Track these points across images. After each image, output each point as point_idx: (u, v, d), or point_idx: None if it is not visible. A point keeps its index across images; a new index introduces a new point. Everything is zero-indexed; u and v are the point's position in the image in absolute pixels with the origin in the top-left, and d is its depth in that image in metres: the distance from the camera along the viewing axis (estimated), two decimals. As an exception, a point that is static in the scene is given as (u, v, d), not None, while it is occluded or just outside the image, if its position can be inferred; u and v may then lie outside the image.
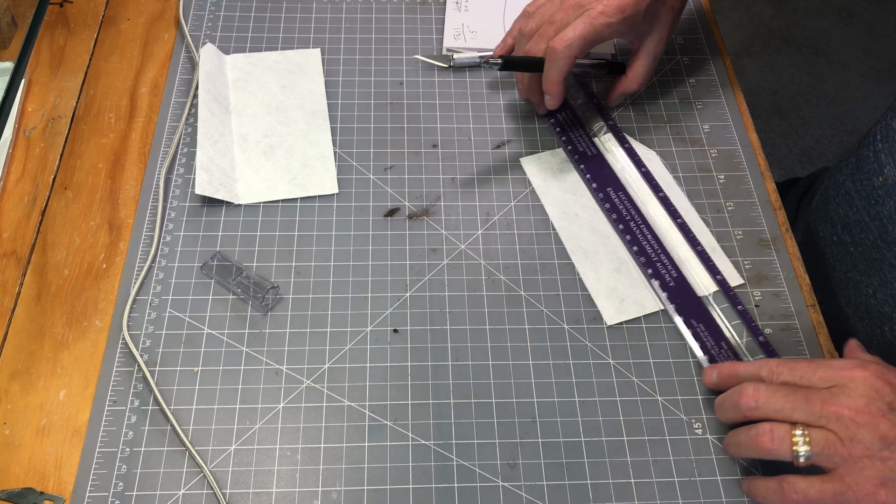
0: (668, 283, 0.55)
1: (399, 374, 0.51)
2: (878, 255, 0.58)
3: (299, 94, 0.64)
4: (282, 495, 0.46)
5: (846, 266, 0.62)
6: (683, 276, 0.55)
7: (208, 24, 0.68)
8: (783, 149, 1.67)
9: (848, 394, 0.41)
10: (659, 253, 0.56)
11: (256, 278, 0.54)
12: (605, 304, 0.54)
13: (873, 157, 0.59)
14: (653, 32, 0.60)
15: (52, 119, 0.62)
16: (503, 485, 0.47)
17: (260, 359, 0.51)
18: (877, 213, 0.58)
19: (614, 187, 0.59)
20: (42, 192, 0.58)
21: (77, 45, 0.66)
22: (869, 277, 0.59)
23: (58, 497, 0.46)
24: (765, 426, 0.43)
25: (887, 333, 0.58)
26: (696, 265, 0.56)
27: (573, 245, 0.57)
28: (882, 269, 0.58)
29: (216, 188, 0.57)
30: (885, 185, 0.57)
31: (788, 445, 0.41)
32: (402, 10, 0.71)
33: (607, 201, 0.58)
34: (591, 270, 0.56)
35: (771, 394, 0.43)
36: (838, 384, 0.42)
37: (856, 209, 0.60)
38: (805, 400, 0.41)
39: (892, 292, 0.57)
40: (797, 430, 0.41)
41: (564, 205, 0.59)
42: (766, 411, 0.43)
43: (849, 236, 0.61)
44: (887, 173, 0.56)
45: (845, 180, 0.62)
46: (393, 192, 0.59)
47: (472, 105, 0.65)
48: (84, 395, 0.49)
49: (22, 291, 0.53)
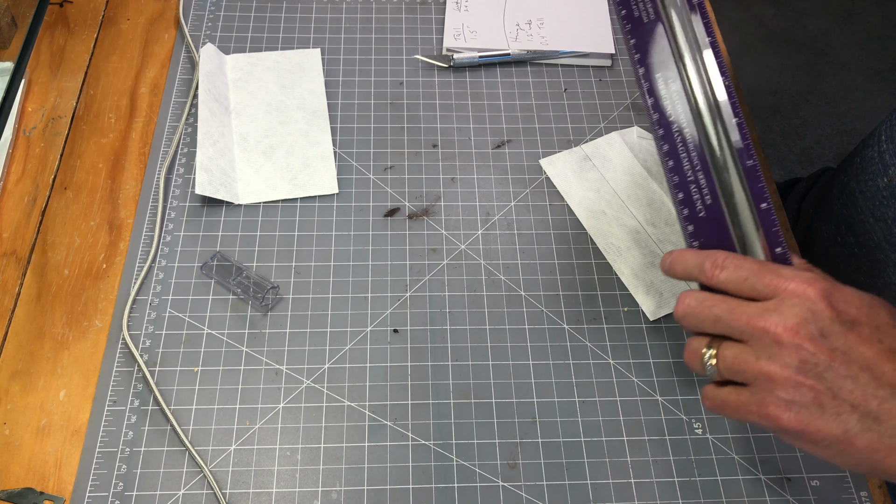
0: (698, 213, 0.44)
1: (399, 374, 0.51)
2: (883, 256, 0.57)
3: (299, 94, 0.64)
4: (282, 495, 0.46)
5: (850, 267, 0.61)
6: (721, 206, 0.44)
7: (208, 24, 0.68)
8: (783, 149, 1.67)
9: (782, 311, 0.38)
10: (697, 171, 0.44)
11: (256, 278, 0.54)
12: (644, 300, 0.54)
13: (878, 157, 0.59)
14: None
15: (52, 119, 0.62)
16: (503, 485, 0.47)
17: (260, 359, 0.51)
18: (881, 215, 0.57)
19: (665, 74, 0.46)
20: (42, 192, 0.58)
21: (77, 45, 0.66)
22: (873, 279, 0.59)
23: (58, 497, 0.46)
24: (689, 341, 0.42)
25: None
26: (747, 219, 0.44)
27: (604, 243, 0.57)
28: (886, 271, 0.57)
29: (216, 188, 0.57)
30: (890, 186, 0.57)
31: (700, 360, 0.41)
32: (402, 10, 0.71)
33: (651, 94, 0.46)
34: (626, 267, 0.56)
35: (698, 304, 0.41)
36: (778, 296, 0.39)
37: (860, 210, 0.60)
38: (730, 313, 0.40)
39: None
40: (706, 347, 0.41)
41: (590, 203, 0.59)
42: (691, 322, 0.41)
43: (853, 237, 0.61)
44: (892, 174, 0.56)
45: (850, 181, 0.62)
46: (393, 192, 0.59)
47: (472, 105, 0.65)
48: (84, 395, 0.49)
49: (22, 291, 0.53)
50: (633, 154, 0.61)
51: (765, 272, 0.40)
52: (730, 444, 0.49)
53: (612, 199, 0.59)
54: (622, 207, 0.58)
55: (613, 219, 0.58)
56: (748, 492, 0.48)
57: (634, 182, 0.60)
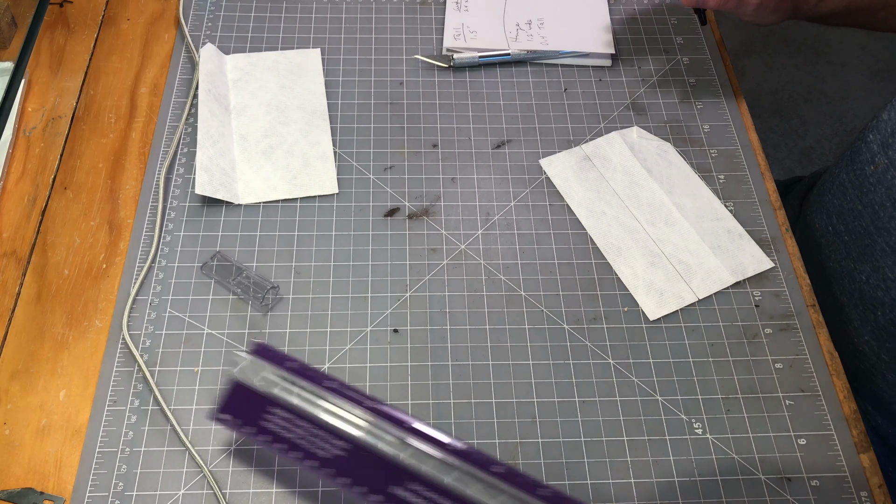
0: None
1: (399, 374, 0.51)
2: (870, 241, 0.58)
3: (299, 94, 0.64)
4: (282, 495, 0.46)
5: (840, 255, 0.62)
6: None
7: (208, 24, 0.68)
8: (783, 149, 1.67)
9: None
10: None
11: (256, 278, 0.54)
12: (644, 300, 0.54)
13: (865, 148, 0.60)
14: None
15: (52, 119, 0.62)
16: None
17: (260, 359, 0.51)
18: (869, 201, 0.58)
19: None
20: (42, 192, 0.58)
21: (77, 45, 0.66)
22: (862, 264, 0.60)
23: (58, 497, 0.46)
24: None
25: (880, 318, 0.59)
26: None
27: (604, 243, 0.57)
28: (874, 254, 0.58)
29: (216, 188, 0.57)
30: (876, 172, 0.57)
31: None
32: (402, 10, 0.71)
33: None
34: (626, 266, 0.56)
35: None
36: None
37: (849, 198, 0.61)
38: None
39: (884, 277, 0.58)
40: None
41: (590, 203, 0.59)
42: None
43: (843, 225, 0.61)
44: (878, 161, 0.57)
45: (840, 172, 0.63)
46: (393, 192, 0.59)
47: (472, 105, 0.65)
48: (84, 395, 0.49)
49: (22, 291, 0.53)
50: (633, 154, 0.61)
51: None
52: (730, 444, 0.49)
53: (611, 199, 0.59)
54: (622, 207, 0.58)
55: (613, 219, 0.58)
56: (748, 492, 0.48)
57: (634, 182, 0.60)
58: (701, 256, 0.56)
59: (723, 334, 0.53)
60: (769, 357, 0.53)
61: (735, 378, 0.52)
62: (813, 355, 0.53)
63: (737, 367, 0.52)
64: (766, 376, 0.52)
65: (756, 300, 0.55)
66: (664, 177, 0.60)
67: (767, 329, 0.54)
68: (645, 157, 0.61)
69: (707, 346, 0.53)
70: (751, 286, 0.56)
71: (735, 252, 0.56)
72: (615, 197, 0.59)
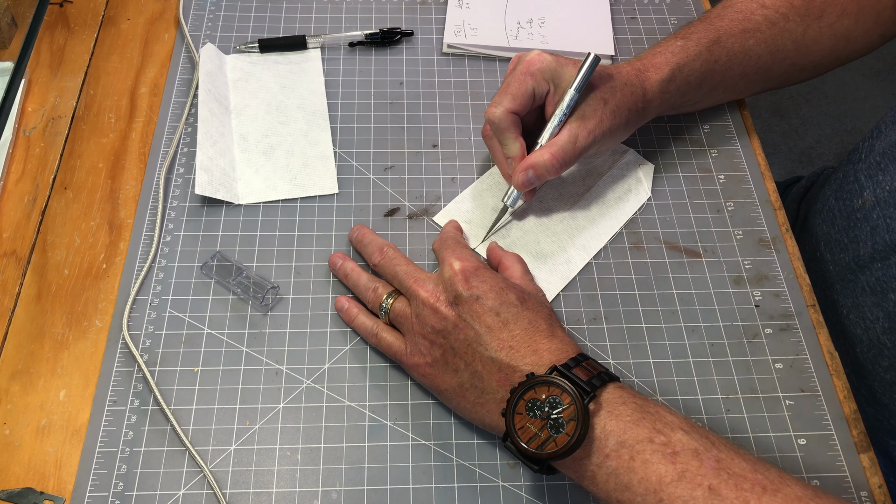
0: None
1: (399, 374, 0.51)
2: (852, 277, 0.58)
3: (299, 94, 0.64)
4: (282, 495, 0.46)
5: (824, 284, 0.62)
6: None
7: (208, 24, 0.68)
8: (783, 149, 1.67)
9: (433, 279, 0.48)
10: None
11: (256, 278, 0.54)
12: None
13: (854, 177, 0.59)
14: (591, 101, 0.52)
15: (52, 119, 0.62)
16: (503, 485, 0.47)
17: (260, 359, 0.51)
18: (854, 236, 0.58)
19: None
20: (42, 192, 0.58)
21: (77, 45, 0.66)
22: (843, 298, 0.60)
23: (58, 497, 0.46)
24: (375, 286, 0.51)
25: (859, 355, 0.58)
26: None
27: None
28: (854, 291, 0.58)
29: (216, 188, 0.57)
30: (864, 208, 0.57)
31: (378, 302, 0.50)
32: (402, 10, 0.71)
33: None
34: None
35: (388, 259, 0.51)
36: (440, 267, 0.49)
37: (837, 228, 0.60)
38: (404, 274, 0.49)
39: (863, 316, 0.57)
40: (386, 295, 0.50)
41: None
42: (381, 270, 0.52)
43: (829, 254, 0.61)
44: (867, 197, 0.57)
45: (829, 197, 0.63)
46: (393, 192, 0.59)
47: (472, 105, 0.65)
48: (84, 395, 0.49)
49: (22, 291, 0.53)
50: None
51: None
52: (730, 444, 0.49)
53: None
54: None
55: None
56: (748, 492, 0.48)
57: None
58: None
59: (723, 334, 0.53)
60: (769, 357, 0.53)
61: (735, 378, 0.52)
62: (813, 355, 0.53)
63: (737, 367, 0.52)
64: (766, 376, 0.52)
65: (756, 300, 0.55)
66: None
67: (767, 329, 0.54)
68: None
69: (707, 346, 0.53)
70: (751, 286, 0.56)
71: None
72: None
